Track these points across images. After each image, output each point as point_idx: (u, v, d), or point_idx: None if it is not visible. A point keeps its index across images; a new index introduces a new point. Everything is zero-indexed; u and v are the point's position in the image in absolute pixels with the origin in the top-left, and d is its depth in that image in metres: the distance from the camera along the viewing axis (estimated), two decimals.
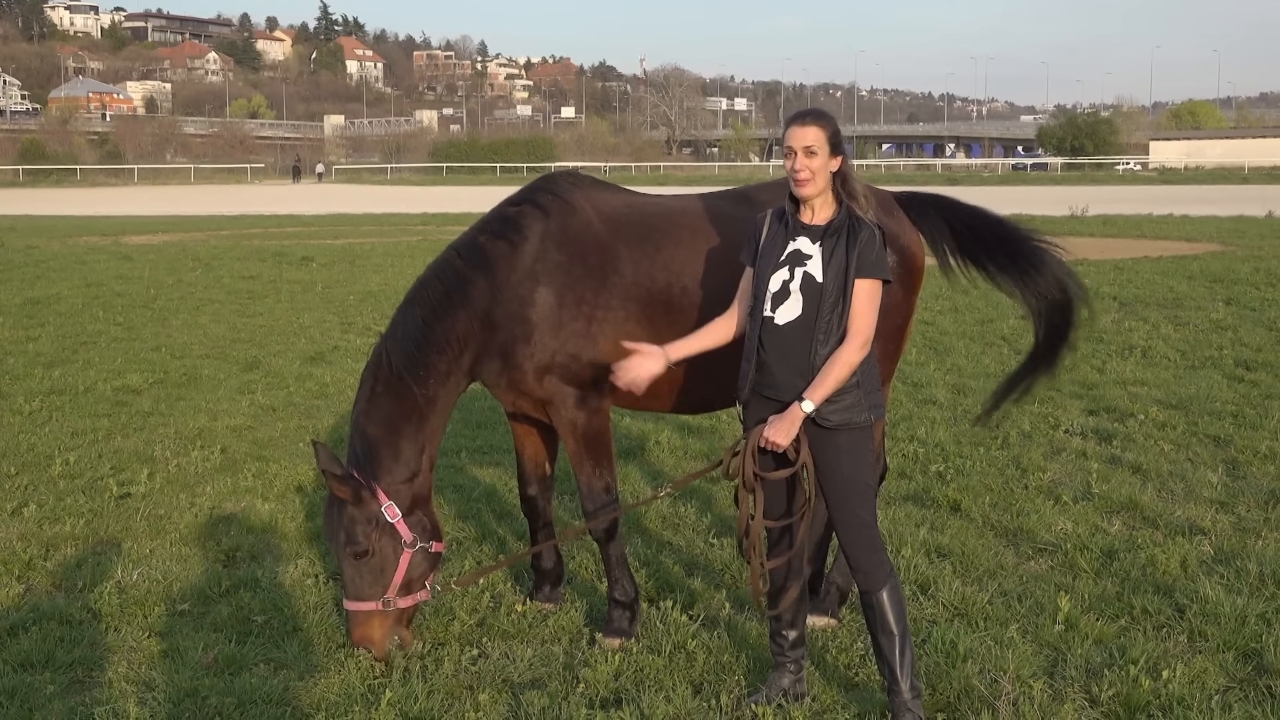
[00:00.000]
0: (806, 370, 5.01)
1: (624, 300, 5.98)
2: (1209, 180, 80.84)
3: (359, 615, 5.83)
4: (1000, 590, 6.68)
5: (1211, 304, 17.76)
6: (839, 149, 5.08)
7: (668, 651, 5.89)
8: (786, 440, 5.00)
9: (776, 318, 5.09)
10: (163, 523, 8.03)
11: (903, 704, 5.06)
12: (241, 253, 29.84)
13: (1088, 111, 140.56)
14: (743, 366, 5.22)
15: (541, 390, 6.00)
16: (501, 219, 6.14)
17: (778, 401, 5.10)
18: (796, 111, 5.19)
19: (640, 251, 6.05)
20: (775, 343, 5.09)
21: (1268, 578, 6.72)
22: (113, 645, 6.08)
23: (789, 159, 5.07)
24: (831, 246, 5.02)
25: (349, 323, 17.67)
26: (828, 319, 4.98)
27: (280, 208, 56.10)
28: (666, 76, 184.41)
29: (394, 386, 5.93)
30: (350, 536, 5.79)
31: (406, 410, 5.94)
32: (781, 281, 5.09)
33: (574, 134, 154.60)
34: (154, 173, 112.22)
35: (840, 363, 4.96)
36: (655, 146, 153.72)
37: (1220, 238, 30.42)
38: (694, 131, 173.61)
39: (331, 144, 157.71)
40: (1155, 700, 5.30)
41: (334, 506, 5.86)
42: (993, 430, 9.88)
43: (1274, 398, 11.33)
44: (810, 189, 5.05)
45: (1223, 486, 8.61)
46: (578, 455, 6.12)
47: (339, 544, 5.85)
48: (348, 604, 5.87)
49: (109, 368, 13.75)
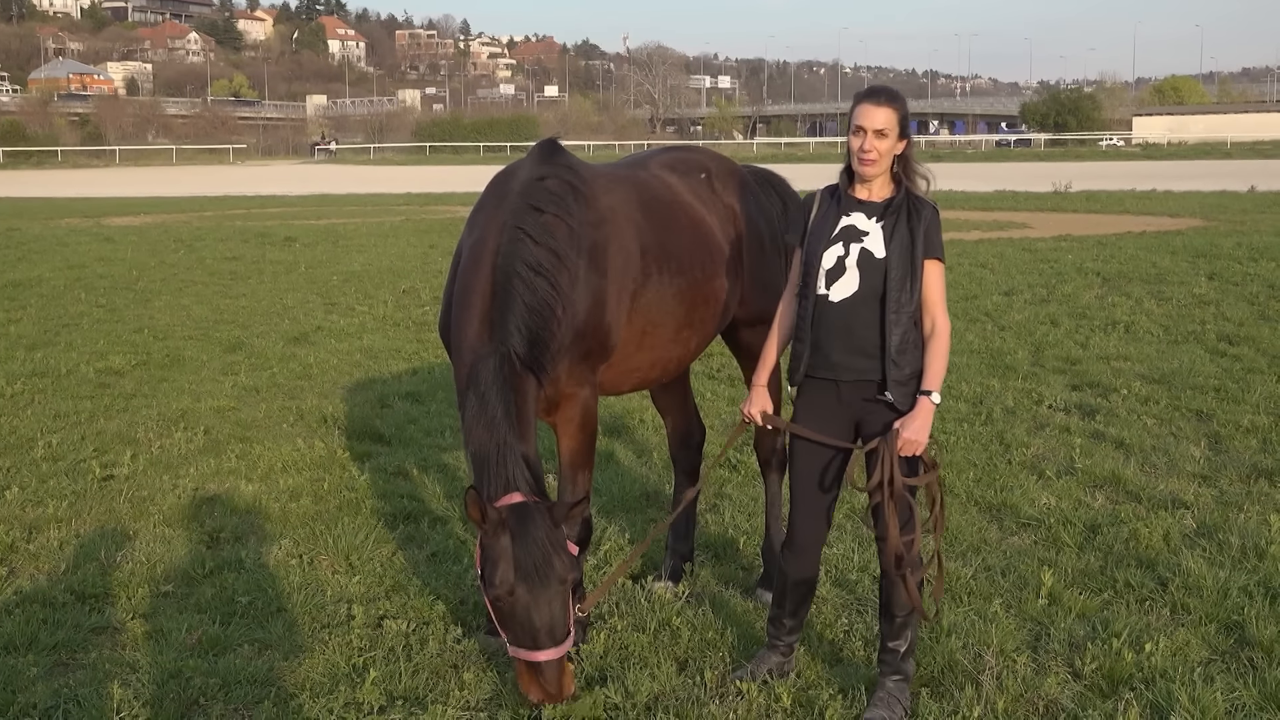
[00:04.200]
0: (869, 349, 4.89)
1: (645, 275, 5.82)
2: (1192, 155, 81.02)
3: (564, 660, 4.95)
4: (984, 565, 6.69)
5: (1194, 279, 17.80)
6: (906, 132, 4.95)
7: (653, 629, 5.89)
8: (926, 439, 4.86)
9: (831, 295, 4.96)
10: (146, 504, 8.00)
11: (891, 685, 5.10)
12: (224, 233, 29.73)
13: (1071, 87, 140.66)
14: (795, 348, 5.08)
15: (568, 378, 5.58)
16: (547, 194, 5.53)
17: (831, 383, 4.99)
18: (870, 88, 5.03)
19: (648, 221, 5.94)
20: (830, 320, 4.95)
21: (1249, 551, 6.75)
22: (96, 627, 6.05)
23: (857, 137, 4.89)
24: (893, 224, 4.91)
25: (332, 303, 17.61)
26: (896, 296, 4.86)
27: (263, 188, 55.90)
28: (650, 54, 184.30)
29: (523, 387, 5.21)
30: (566, 564, 4.90)
31: (534, 409, 5.34)
32: (836, 258, 4.96)
33: (557, 113, 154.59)
34: (135, 154, 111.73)
35: (945, 347, 4.91)
36: (639, 125, 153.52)
37: (1203, 213, 30.52)
38: (678, 109, 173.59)
39: (314, 124, 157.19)
40: (1138, 673, 5.32)
41: (535, 539, 4.85)
42: (976, 406, 9.90)
43: (1256, 372, 11.37)
44: (875, 170, 4.92)
45: (1205, 460, 8.64)
46: (584, 453, 5.76)
47: (551, 579, 4.83)
48: (551, 653, 4.86)
49: (91, 350, 13.69)
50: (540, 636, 4.81)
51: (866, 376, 4.95)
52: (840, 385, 4.99)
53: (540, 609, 4.80)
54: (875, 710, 5.04)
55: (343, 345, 14.02)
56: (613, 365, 5.77)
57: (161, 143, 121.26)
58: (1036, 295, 16.71)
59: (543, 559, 4.79)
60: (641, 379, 6.15)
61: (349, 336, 14.65)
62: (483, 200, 5.75)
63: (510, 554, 4.77)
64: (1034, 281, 18.06)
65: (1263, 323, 14.01)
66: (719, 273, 6.17)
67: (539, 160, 5.71)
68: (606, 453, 9.14)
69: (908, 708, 5.08)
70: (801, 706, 5.16)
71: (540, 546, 4.79)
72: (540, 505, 4.92)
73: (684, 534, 6.71)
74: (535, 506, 4.90)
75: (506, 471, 4.98)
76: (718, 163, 6.70)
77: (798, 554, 5.22)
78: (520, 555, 4.77)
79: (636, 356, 5.87)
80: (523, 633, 4.83)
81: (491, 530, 4.81)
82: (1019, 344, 13.05)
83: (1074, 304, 15.85)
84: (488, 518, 4.80)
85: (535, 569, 4.77)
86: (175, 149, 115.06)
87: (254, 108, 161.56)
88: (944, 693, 5.27)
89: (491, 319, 5.23)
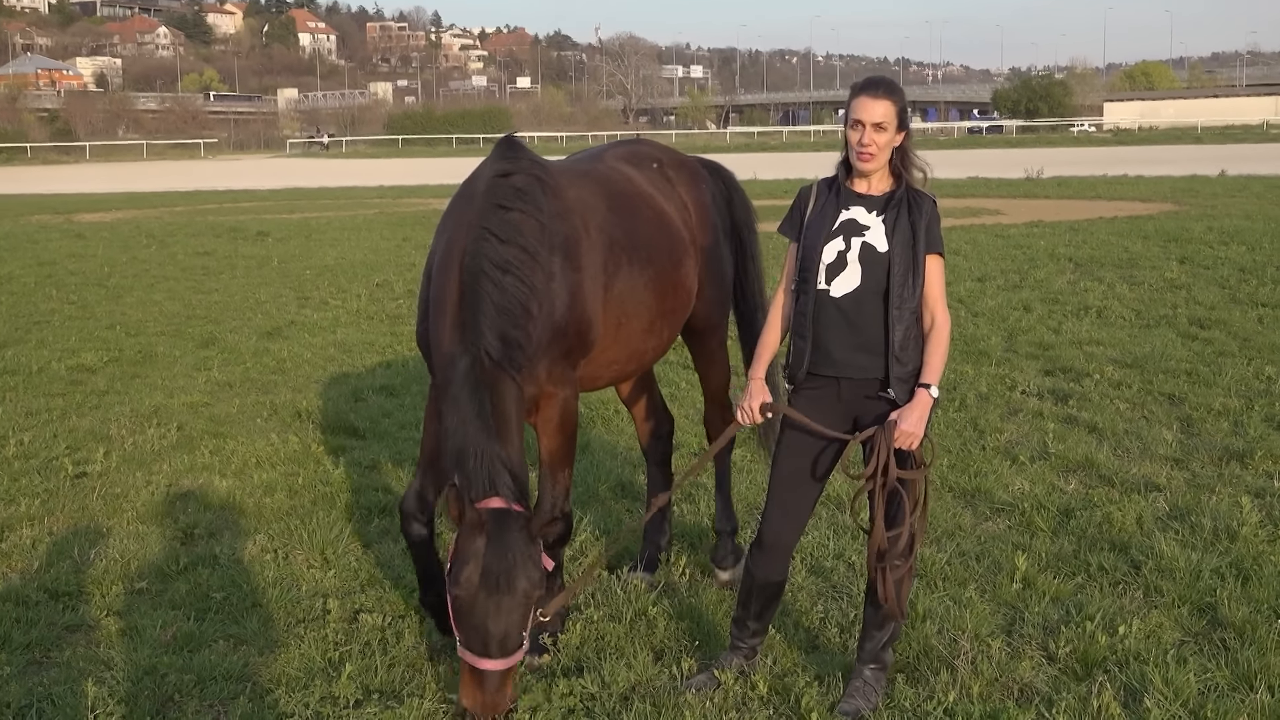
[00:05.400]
0: (872, 345, 4.84)
1: (616, 266, 5.78)
2: (1163, 141, 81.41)
3: (508, 672, 4.85)
4: (959, 551, 6.72)
5: (1166, 263, 17.89)
6: (905, 124, 4.87)
7: (629, 619, 5.90)
8: (923, 432, 4.81)
9: (832, 290, 4.89)
10: (119, 501, 7.96)
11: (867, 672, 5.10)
12: (196, 228, 29.61)
13: (1043, 74, 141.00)
14: (795, 343, 4.99)
15: (547, 378, 5.48)
16: (513, 191, 5.40)
17: (833, 380, 4.93)
18: (867, 79, 4.93)
19: (614, 213, 5.90)
20: (831, 315, 4.88)
21: (1221, 533, 6.79)
22: (70, 625, 6.03)
23: (855, 131, 4.82)
24: (894, 218, 4.84)
25: (305, 297, 17.56)
26: (899, 291, 4.80)
27: (235, 183, 55.65)
28: (622, 45, 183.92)
29: (499, 386, 5.09)
30: (532, 580, 4.80)
31: (517, 408, 5.22)
32: (837, 252, 4.88)
33: (530, 104, 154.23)
34: (106, 149, 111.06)
35: (944, 341, 4.87)
36: (612, 115, 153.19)
37: (1174, 197, 30.69)
38: (650, 100, 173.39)
39: (285, 118, 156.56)
40: (1112, 655, 5.35)
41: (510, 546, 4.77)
42: (949, 392, 9.93)
43: (1227, 355, 11.44)
44: (873, 164, 4.85)
45: (1177, 444, 8.69)
46: (564, 453, 5.70)
47: (515, 591, 4.74)
48: (496, 664, 4.77)
49: (63, 347, 13.62)
50: (491, 645, 4.72)
51: (869, 374, 4.89)
52: (842, 383, 4.93)
53: (497, 618, 4.71)
54: (852, 700, 5.03)
55: (316, 339, 13.97)
56: (590, 360, 5.72)
57: (132, 138, 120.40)
58: (1009, 281, 16.77)
59: (510, 570, 4.71)
60: (619, 372, 6.14)
61: (322, 330, 14.60)
62: (452, 203, 5.67)
63: (481, 557, 4.71)
64: (1007, 267, 18.12)
65: (1233, 306, 14.09)
66: (683, 261, 6.17)
67: (500, 157, 5.58)
68: (582, 444, 9.13)
69: (882, 696, 5.09)
70: (778, 694, 5.17)
71: (511, 557, 4.72)
72: (521, 516, 4.84)
73: (659, 525, 6.72)
74: (516, 516, 4.82)
75: (488, 473, 4.90)
76: (668, 155, 6.74)
77: (766, 553, 5.14)
78: (490, 561, 4.70)
79: (613, 350, 5.85)
80: (474, 636, 4.74)
81: (468, 530, 4.74)
82: (992, 330, 13.09)
83: (1046, 289, 15.91)
84: (466, 517, 4.74)
85: (501, 577, 4.70)
86: (146, 144, 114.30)
87: (225, 102, 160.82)
88: (919, 678, 5.29)
89: (462, 321, 5.12)
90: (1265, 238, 20.32)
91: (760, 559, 5.16)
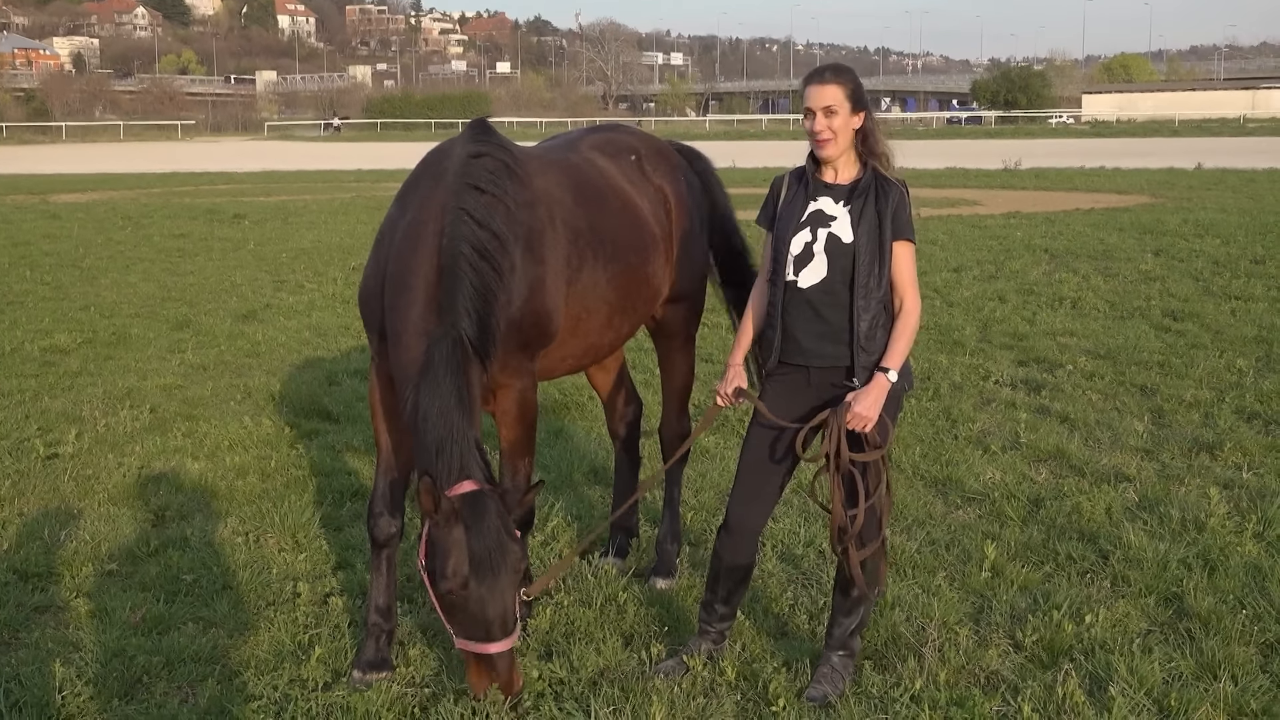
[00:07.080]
0: (838, 335, 4.86)
1: (580, 261, 5.69)
2: (1140, 133, 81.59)
3: (513, 651, 4.81)
4: (929, 539, 6.75)
5: (1141, 255, 17.96)
6: (861, 105, 4.87)
7: (599, 604, 5.91)
8: (876, 415, 4.80)
9: (799, 281, 4.91)
10: (91, 483, 7.94)
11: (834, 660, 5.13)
12: (172, 210, 29.46)
13: (1022, 65, 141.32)
14: (766, 334, 5.04)
15: (502, 370, 5.35)
16: (485, 173, 5.32)
17: (803, 368, 4.96)
18: (815, 69, 4.97)
19: (581, 206, 5.80)
20: (799, 307, 4.91)
21: (1189, 523, 6.84)
22: (39, 606, 6.02)
23: (808, 119, 4.87)
24: (860, 207, 4.85)
25: (281, 280, 17.50)
26: (865, 281, 4.81)
27: (212, 165, 55.40)
28: (602, 31, 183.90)
29: (470, 373, 5.01)
30: (517, 553, 4.77)
31: (480, 394, 5.15)
32: (804, 244, 4.91)
33: (509, 89, 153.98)
34: (83, 130, 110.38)
35: (910, 327, 4.86)
36: (591, 101, 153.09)
37: (1150, 190, 30.80)
38: (630, 86, 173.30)
39: (264, 100, 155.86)
40: (1078, 644, 5.39)
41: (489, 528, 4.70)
42: (923, 381, 9.96)
43: (1199, 347, 11.50)
44: (832, 150, 4.87)
45: (1148, 435, 8.74)
46: (524, 443, 5.58)
47: (506, 568, 4.69)
48: (503, 644, 4.71)
49: (36, 327, 13.56)
50: (493, 628, 4.65)
51: (837, 363, 4.91)
52: (811, 371, 4.95)
53: (494, 600, 4.64)
54: (819, 686, 5.06)
55: (291, 323, 13.94)
56: (546, 353, 5.63)
57: (109, 119, 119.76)
58: (985, 272, 16.82)
59: (496, 548, 4.64)
60: (574, 365, 6.08)
61: (298, 314, 14.56)
62: (415, 179, 5.53)
63: (464, 545, 4.63)
64: (983, 258, 18.17)
65: (1207, 298, 14.16)
66: (651, 258, 6.07)
67: (471, 139, 5.49)
68: (554, 429, 9.16)
69: (849, 682, 5.12)
70: (746, 680, 5.19)
71: (493, 535, 4.65)
72: (493, 493, 4.80)
73: (630, 511, 6.73)
74: (488, 494, 4.77)
75: (461, 459, 4.81)
76: (647, 143, 6.58)
77: (732, 536, 5.15)
78: (474, 545, 4.62)
79: (570, 343, 5.75)
80: (475, 625, 4.66)
81: (443, 521, 4.66)
82: (967, 320, 13.13)
83: (1022, 280, 15.96)
84: (440, 508, 4.66)
85: (489, 559, 4.62)
86: (123, 125, 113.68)
87: (203, 84, 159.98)
88: (887, 665, 5.32)
89: (440, 302, 5.00)
90: (1239, 231, 20.43)
91: (727, 542, 5.18)
